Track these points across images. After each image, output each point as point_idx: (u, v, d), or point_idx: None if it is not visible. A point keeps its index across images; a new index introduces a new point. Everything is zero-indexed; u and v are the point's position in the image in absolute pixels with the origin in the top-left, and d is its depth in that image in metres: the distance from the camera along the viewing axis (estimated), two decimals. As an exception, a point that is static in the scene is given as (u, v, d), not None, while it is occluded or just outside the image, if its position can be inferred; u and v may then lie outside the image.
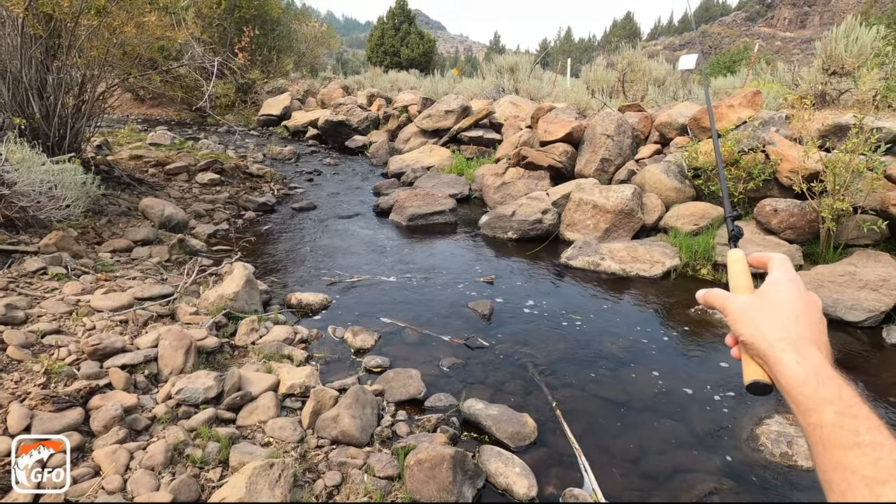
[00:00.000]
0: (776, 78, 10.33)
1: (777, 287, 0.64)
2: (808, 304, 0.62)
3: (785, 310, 0.60)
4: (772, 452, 2.48)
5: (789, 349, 0.57)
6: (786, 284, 0.63)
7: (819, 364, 0.55)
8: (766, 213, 4.90)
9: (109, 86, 5.94)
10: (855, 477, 0.46)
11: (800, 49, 55.88)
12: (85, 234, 4.50)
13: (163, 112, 15.83)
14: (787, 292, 0.62)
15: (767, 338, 0.59)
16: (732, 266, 0.75)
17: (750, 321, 0.62)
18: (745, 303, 0.65)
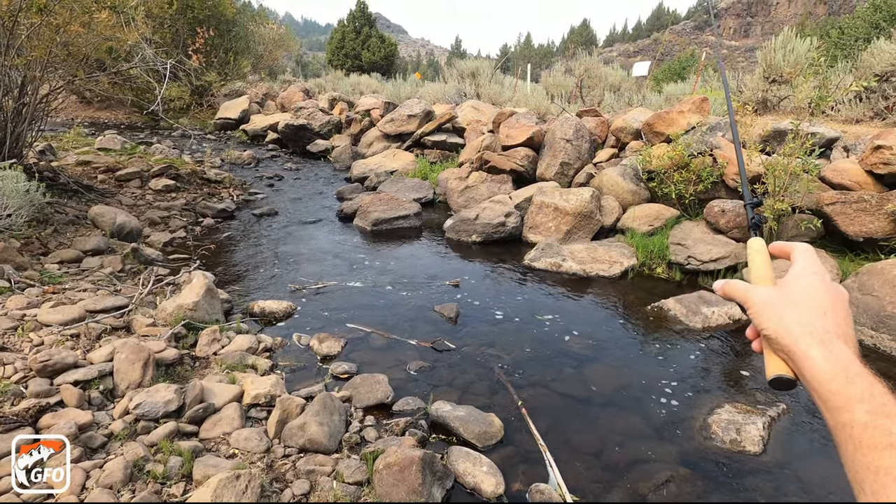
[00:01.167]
0: (722, 85, 10.90)
1: (802, 279, 0.61)
2: (834, 298, 0.59)
3: (811, 303, 0.58)
4: (722, 440, 2.63)
5: (816, 344, 0.54)
6: (811, 277, 0.60)
7: (848, 359, 0.52)
8: (714, 213, 5.18)
9: (53, 88, 5.66)
10: (888, 478, 0.44)
11: (744, 57, 59.12)
12: (29, 244, 4.27)
13: (112, 115, 15.14)
14: (812, 285, 0.60)
15: (792, 332, 0.57)
16: (753, 256, 0.71)
17: (774, 315, 0.59)
18: (768, 295, 0.62)
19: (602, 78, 13.79)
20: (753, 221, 0.81)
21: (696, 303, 4.14)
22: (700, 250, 5.00)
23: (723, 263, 4.88)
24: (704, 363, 3.54)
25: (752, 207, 0.83)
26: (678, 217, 5.71)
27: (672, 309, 4.17)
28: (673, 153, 5.67)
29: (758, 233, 0.77)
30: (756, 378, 3.37)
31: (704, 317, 4.01)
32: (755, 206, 0.84)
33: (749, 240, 0.75)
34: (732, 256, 4.88)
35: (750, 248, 0.73)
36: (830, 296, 0.59)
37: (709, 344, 3.79)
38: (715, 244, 5.03)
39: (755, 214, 0.82)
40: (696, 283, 4.93)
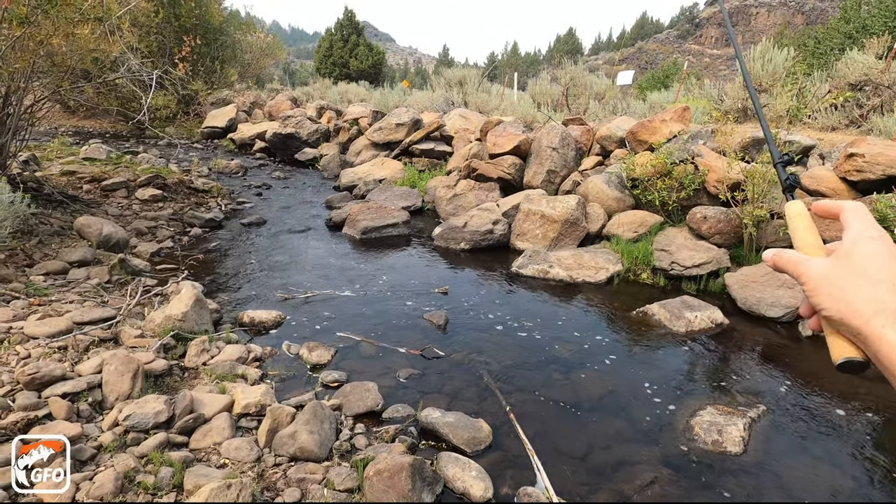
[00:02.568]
0: (704, 93, 11.15)
1: (861, 246, 0.52)
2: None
3: (877, 275, 0.50)
4: (704, 441, 2.70)
5: (891, 324, 0.47)
6: (872, 242, 0.52)
7: None
8: (696, 219, 5.30)
9: (38, 98, 5.62)
10: None
11: (726, 66, 60.41)
12: (13, 256, 4.23)
13: (97, 124, 14.99)
14: (875, 253, 0.51)
15: (861, 312, 0.49)
16: (794, 221, 0.62)
17: (835, 292, 0.52)
18: (824, 269, 0.54)
19: (587, 86, 14.02)
20: (788, 182, 0.68)
21: (679, 307, 4.24)
22: (683, 256, 5.11)
23: (705, 269, 5.00)
24: (688, 366, 3.62)
25: (784, 166, 0.70)
26: (662, 223, 5.83)
27: (656, 314, 4.26)
28: (656, 161, 5.80)
29: (793, 196, 0.67)
30: (738, 380, 3.46)
31: (688, 321, 4.10)
32: (786, 164, 0.70)
33: (786, 205, 0.65)
34: (715, 262, 5.00)
35: (788, 213, 0.63)
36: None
37: (692, 347, 3.88)
38: (697, 250, 5.15)
39: (788, 175, 0.69)
40: (679, 288, 5.03)
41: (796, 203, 0.64)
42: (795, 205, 0.64)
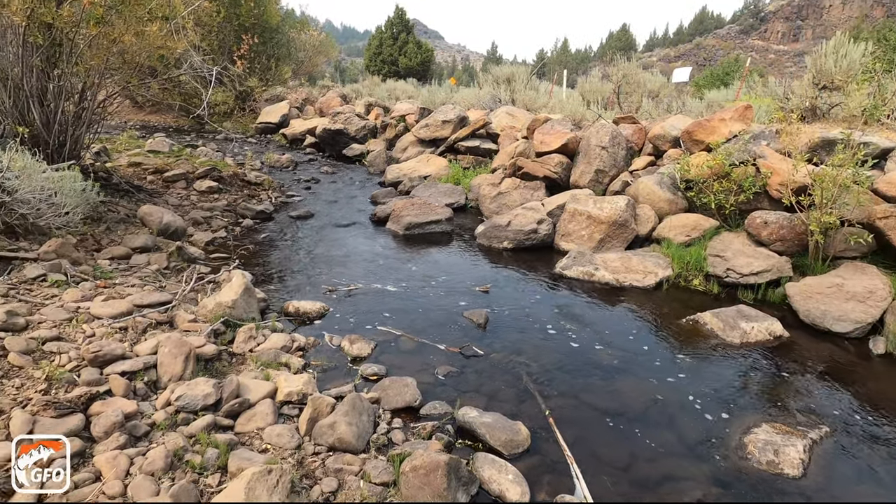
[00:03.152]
0: (768, 91, 10.51)
1: None
2: None
3: None
4: (759, 461, 2.53)
5: None
6: None
7: None
8: (756, 225, 5.00)
9: (109, 94, 6.00)
10: None
11: (793, 62, 56.72)
12: (84, 241, 4.53)
13: (161, 118, 15.88)
14: None
15: None
16: None
17: None
18: None
19: (640, 84, 13.53)
20: None
21: (734, 317, 4.01)
22: (740, 263, 4.83)
23: (764, 277, 4.71)
24: (741, 380, 3.42)
25: None
26: (717, 228, 5.54)
27: (708, 323, 4.05)
28: (713, 162, 5.51)
29: None
30: (797, 398, 3.23)
31: (743, 332, 3.87)
32: None
33: None
34: (774, 270, 4.70)
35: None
36: None
37: (746, 360, 3.65)
38: (756, 257, 4.85)
39: None
40: (734, 297, 4.76)
41: None
42: None
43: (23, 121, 4.86)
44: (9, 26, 4.80)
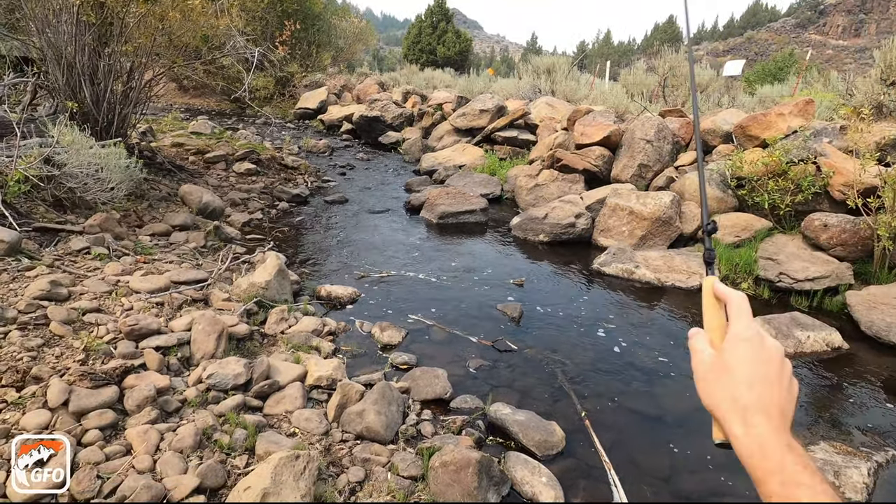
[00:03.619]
0: (829, 87, 9.86)
1: (734, 346, 0.60)
2: (765, 365, 0.58)
3: (739, 375, 0.58)
4: (817, 481, 2.33)
5: (738, 420, 0.56)
6: (742, 343, 0.59)
7: (764, 435, 0.54)
8: (814, 227, 4.66)
9: (156, 74, 6.11)
10: None
11: (853, 59, 53.36)
12: (127, 216, 4.64)
13: (204, 102, 16.28)
14: (742, 353, 0.59)
15: (720, 406, 0.58)
16: (704, 299, 0.67)
17: (707, 386, 0.61)
18: (704, 363, 0.62)
19: (688, 77, 12.95)
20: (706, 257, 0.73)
21: (788, 325, 3.74)
22: (795, 267, 4.52)
23: (821, 283, 4.39)
24: (795, 392, 3.18)
25: (709, 234, 0.74)
26: (770, 229, 5.21)
27: (759, 329, 3.79)
28: (769, 159, 5.17)
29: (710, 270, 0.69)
30: (859, 416, 2.98)
31: (797, 341, 3.61)
32: (710, 232, 0.74)
33: (703, 278, 0.68)
34: (833, 277, 4.38)
35: (703, 288, 0.68)
36: (760, 363, 0.58)
37: (801, 373, 3.40)
38: (813, 262, 4.53)
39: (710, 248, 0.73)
40: (786, 304, 4.47)
41: (709, 279, 0.67)
42: (708, 281, 0.67)
43: (74, 98, 5.00)
44: (64, 6, 4.92)
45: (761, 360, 0.58)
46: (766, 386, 0.57)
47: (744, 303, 0.63)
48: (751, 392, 0.56)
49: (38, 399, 2.00)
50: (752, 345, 0.59)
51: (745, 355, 0.59)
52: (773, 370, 0.58)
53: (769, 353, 0.59)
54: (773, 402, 0.56)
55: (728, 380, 0.58)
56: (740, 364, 0.58)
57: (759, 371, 0.57)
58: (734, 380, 0.58)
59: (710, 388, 0.60)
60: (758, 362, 0.58)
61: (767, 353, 0.59)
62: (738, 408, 0.56)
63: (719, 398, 0.58)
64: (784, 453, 0.52)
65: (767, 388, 0.57)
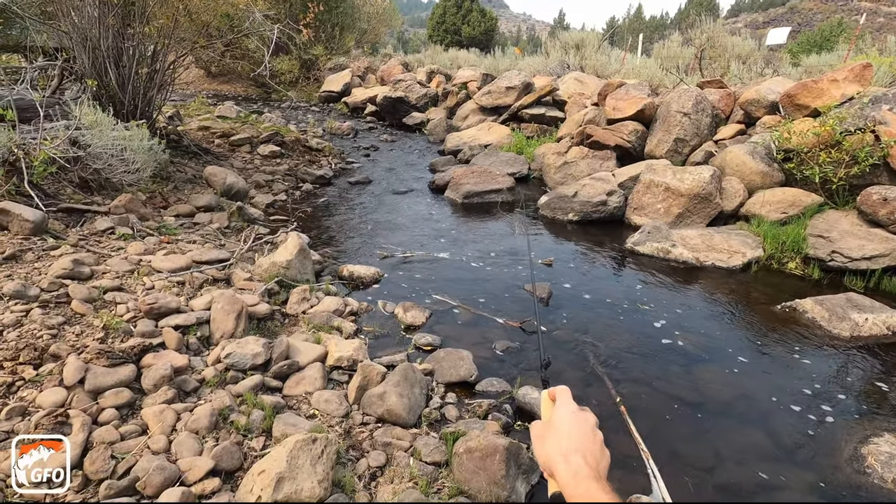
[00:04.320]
0: (886, 54, 9.11)
1: (557, 413, 0.80)
2: (579, 423, 0.77)
3: (560, 429, 0.77)
4: (882, 477, 2.11)
5: (561, 460, 0.72)
6: (562, 409, 0.80)
7: (578, 467, 0.70)
8: (872, 202, 4.29)
9: (178, 55, 6.08)
10: None
11: (907, 25, 49.64)
12: (152, 198, 4.65)
13: (231, 88, 16.41)
14: (563, 416, 0.79)
15: (549, 454, 0.75)
16: (542, 405, 0.90)
17: (541, 444, 0.78)
18: (539, 428, 0.82)
19: (727, 48, 12.25)
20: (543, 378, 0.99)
21: (843, 306, 3.45)
22: (849, 245, 4.17)
23: (879, 263, 4.05)
24: (853, 379, 2.92)
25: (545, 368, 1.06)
26: (820, 205, 4.84)
27: (809, 311, 3.52)
28: (821, 129, 4.77)
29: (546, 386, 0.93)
30: (926, 405, 2.71)
31: (854, 324, 3.32)
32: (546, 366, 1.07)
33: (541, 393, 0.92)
34: (894, 255, 4.02)
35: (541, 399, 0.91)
36: (576, 421, 0.78)
37: (859, 357, 3.13)
38: (870, 239, 4.18)
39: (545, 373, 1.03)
40: (839, 284, 4.15)
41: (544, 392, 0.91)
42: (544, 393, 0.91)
43: (100, 82, 5.01)
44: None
45: (578, 421, 0.77)
46: (582, 438, 0.75)
47: (566, 390, 0.85)
48: (570, 441, 0.74)
49: (54, 377, 1.97)
50: (570, 411, 0.79)
51: (565, 417, 0.78)
52: (587, 429, 0.77)
53: (584, 417, 0.79)
54: (588, 450, 0.73)
55: (554, 435, 0.77)
56: (562, 423, 0.77)
57: (577, 428, 0.76)
58: (558, 434, 0.76)
59: (542, 446, 0.77)
60: (575, 422, 0.77)
61: (583, 416, 0.79)
62: (560, 451, 0.73)
63: (548, 450, 0.75)
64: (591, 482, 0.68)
65: (583, 439, 0.74)
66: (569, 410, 0.79)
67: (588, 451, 0.72)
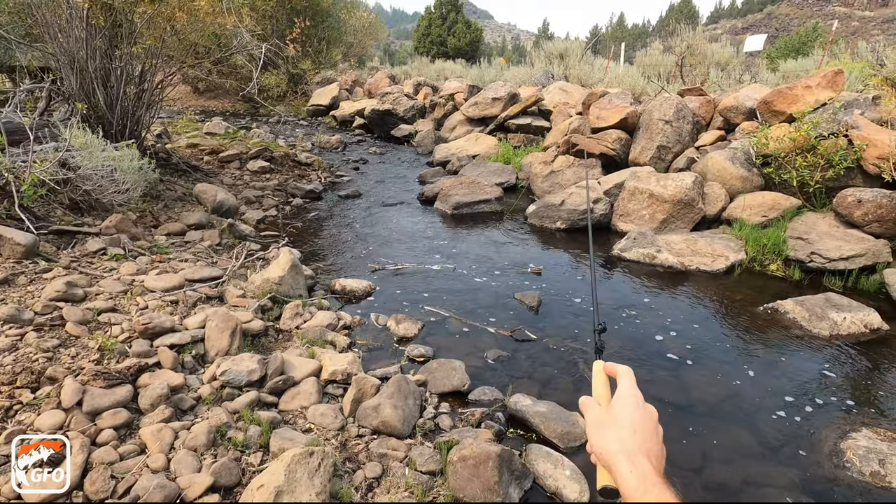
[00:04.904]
0: (858, 59, 9.41)
1: (620, 402, 0.72)
2: (643, 418, 0.70)
3: (625, 424, 0.69)
4: (860, 471, 2.19)
5: (625, 460, 0.65)
6: (627, 399, 0.72)
7: (646, 472, 0.64)
8: (847, 204, 4.43)
9: (167, 74, 6.13)
10: None
11: (880, 30, 51.08)
12: (143, 217, 4.67)
13: (218, 103, 16.43)
14: (627, 407, 0.71)
15: (609, 449, 0.67)
16: (594, 377, 0.82)
17: (599, 434, 0.71)
18: (597, 416, 0.73)
19: (707, 55, 12.53)
20: (597, 346, 0.91)
21: (822, 306, 3.56)
22: (827, 246, 4.31)
23: (856, 263, 4.18)
24: (832, 377, 3.02)
25: (599, 333, 0.94)
26: (799, 207, 4.98)
27: (790, 311, 3.63)
28: (796, 134, 4.93)
29: (599, 356, 0.87)
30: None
31: (833, 323, 3.43)
32: (601, 331, 0.94)
33: (594, 362, 0.84)
34: (870, 255, 4.16)
35: (594, 370, 0.83)
36: (640, 416, 0.70)
37: (838, 355, 3.23)
38: (847, 240, 4.31)
39: (600, 340, 0.92)
40: (818, 284, 4.27)
41: (599, 363, 0.83)
42: (598, 364, 0.82)
43: (88, 102, 5.04)
44: (74, 10, 4.95)
45: (641, 413, 0.70)
46: (646, 435, 0.68)
47: (630, 372, 0.76)
48: (634, 438, 0.67)
49: (52, 400, 1.99)
50: (634, 401, 0.71)
51: (630, 408, 0.71)
52: (651, 426, 0.70)
53: (649, 411, 0.72)
54: (651, 449, 0.67)
55: (615, 429, 0.69)
56: (627, 416, 0.70)
57: (641, 424, 0.69)
58: (622, 428, 0.68)
59: (601, 436, 0.70)
60: (638, 414, 0.70)
61: (648, 410, 0.72)
62: (625, 450, 0.66)
63: (608, 444, 0.68)
64: (663, 488, 0.62)
65: (647, 437, 0.68)
66: (634, 401, 0.71)
67: (653, 452, 0.67)
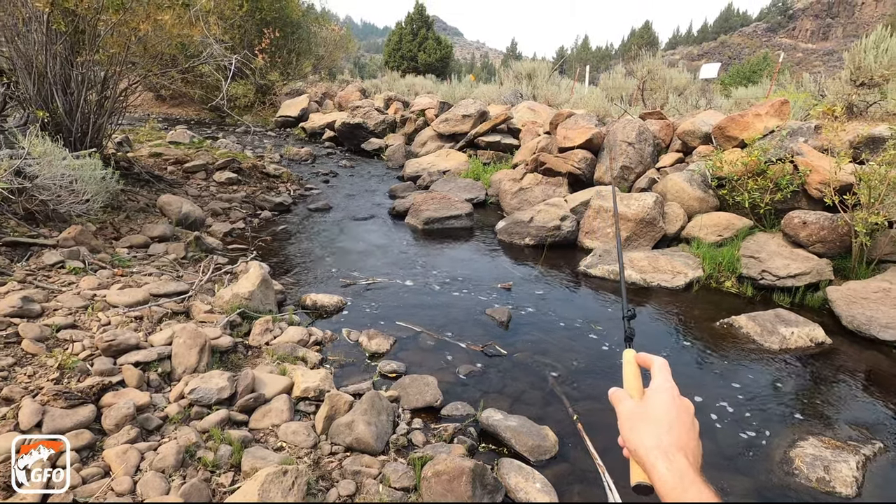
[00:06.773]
0: (802, 89, 10.12)
1: (656, 396, 0.69)
2: (680, 412, 0.67)
3: (661, 419, 0.66)
4: (808, 477, 2.34)
5: (662, 457, 0.62)
6: (663, 394, 0.69)
7: (684, 469, 0.60)
8: (794, 225, 4.75)
9: (131, 83, 5.98)
10: None
11: (821, 61, 55.01)
12: (103, 229, 4.51)
13: (183, 111, 16.04)
14: (663, 401, 0.68)
15: (645, 445, 0.64)
16: (625, 367, 0.79)
17: (633, 428, 0.67)
18: (630, 410, 0.70)
19: (666, 80, 13.17)
20: (627, 335, 0.87)
21: (772, 321, 3.79)
22: (776, 264, 4.59)
23: (802, 280, 4.46)
24: (782, 389, 3.21)
25: (628, 320, 0.89)
26: (751, 228, 5.29)
27: (744, 326, 3.84)
28: (747, 159, 5.26)
29: (629, 345, 0.83)
30: (845, 410, 3.02)
31: (782, 337, 3.65)
32: (630, 318, 0.89)
33: (624, 351, 0.81)
34: (814, 273, 4.45)
35: (624, 359, 0.80)
36: (677, 410, 0.67)
37: (787, 368, 3.44)
38: (794, 259, 4.61)
39: (629, 327, 0.88)
40: (769, 301, 4.54)
41: (629, 351, 0.80)
42: (629, 353, 0.80)
43: (46, 108, 4.85)
44: (34, 14, 4.79)
45: (677, 406, 0.67)
46: (683, 430, 0.65)
47: (665, 364, 0.73)
48: (671, 433, 0.64)
49: (8, 422, 1.90)
50: (670, 395, 0.68)
51: (666, 402, 0.67)
52: (688, 421, 0.67)
53: (685, 404, 0.69)
54: (688, 445, 0.64)
55: (651, 424, 0.66)
56: (662, 410, 0.67)
57: (678, 419, 0.66)
58: (658, 423, 0.65)
59: (635, 431, 0.67)
60: (675, 408, 0.67)
61: (684, 403, 0.69)
62: (661, 446, 0.63)
63: (643, 440, 0.65)
64: (701, 486, 0.59)
65: (684, 432, 0.65)
66: (669, 395, 0.68)
67: (689, 448, 0.64)
